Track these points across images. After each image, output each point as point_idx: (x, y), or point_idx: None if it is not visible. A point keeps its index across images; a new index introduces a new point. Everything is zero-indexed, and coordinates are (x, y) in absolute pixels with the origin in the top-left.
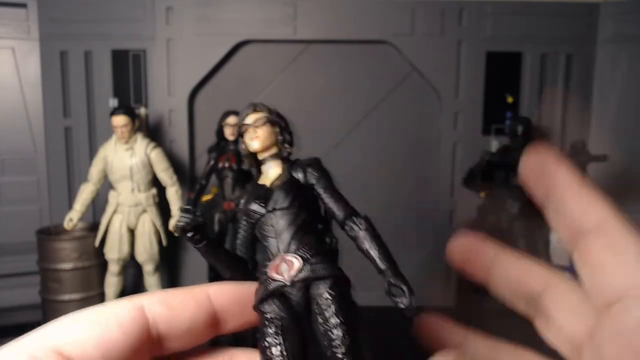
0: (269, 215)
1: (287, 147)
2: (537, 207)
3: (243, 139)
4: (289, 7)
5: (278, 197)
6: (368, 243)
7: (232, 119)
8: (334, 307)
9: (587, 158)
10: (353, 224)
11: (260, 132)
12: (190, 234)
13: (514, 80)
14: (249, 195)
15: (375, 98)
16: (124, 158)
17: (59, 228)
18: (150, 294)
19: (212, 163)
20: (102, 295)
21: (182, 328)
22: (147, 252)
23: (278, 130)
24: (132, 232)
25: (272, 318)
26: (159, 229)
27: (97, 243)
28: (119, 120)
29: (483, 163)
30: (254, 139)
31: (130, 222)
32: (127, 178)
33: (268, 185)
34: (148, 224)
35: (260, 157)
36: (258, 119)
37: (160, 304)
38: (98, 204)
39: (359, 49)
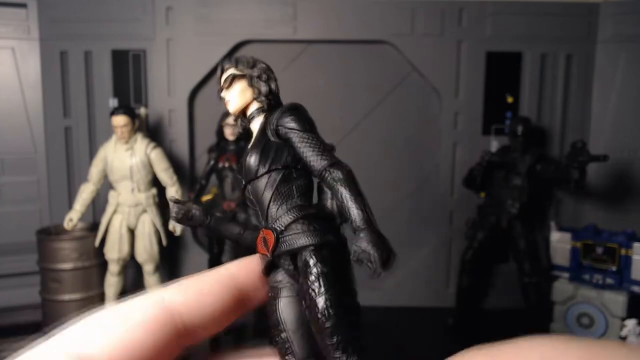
0: (247, 187)
1: (263, 99)
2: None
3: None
4: (289, 7)
5: (248, 166)
6: (339, 193)
7: (232, 119)
8: (312, 276)
9: (587, 158)
10: (328, 174)
11: (230, 94)
12: (187, 222)
13: (514, 80)
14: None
15: (375, 98)
16: (124, 158)
17: (59, 228)
18: (172, 285)
19: (212, 163)
20: (102, 295)
21: (208, 313)
22: (147, 252)
23: (251, 83)
24: (132, 232)
25: (273, 287)
26: (159, 229)
27: (97, 243)
28: (119, 120)
29: (483, 163)
30: (227, 103)
31: (130, 222)
32: (127, 178)
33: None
34: (148, 224)
35: (248, 115)
36: (226, 80)
37: (183, 294)
38: (98, 204)
39: (359, 49)
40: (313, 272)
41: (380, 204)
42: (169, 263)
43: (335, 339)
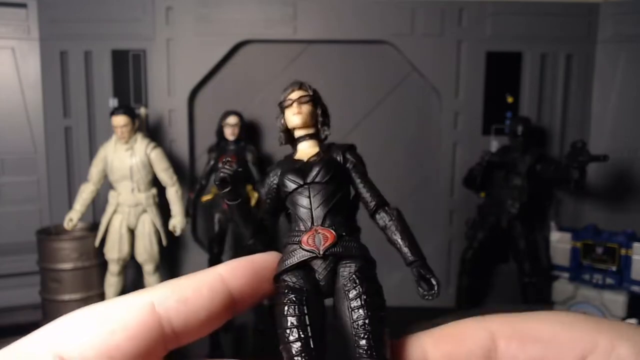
0: (306, 187)
1: (325, 129)
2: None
3: (284, 114)
4: (289, 7)
5: (317, 171)
6: (399, 234)
7: (232, 119)
8: (361, 288)
9: (587, 158)
10: (385, 214)
11: (304, 108)
12: (229, 188)
13: (514, 80)
14: (284, 167)
15: (375, 98)
16: (124, 158)
17: (59, 228)
18: (160, 287)
19: (212, 163)
20: (102, 295)
21: (198, 318)
22: (147, 252)
23: (319, 112)
24: (132, 232)
25: (294, 287)
26: (159, 229)
27: (97, 243)
28: (119, 120)
29: (483, 163)
30: (297, 114)
31: (130, 222)
32: (127, 178)
33: (305, 160)
34: (148, 224)
35: (298, 134)
36: (303, 96)
37: (172, 298)
38: (98, 204)
39: (359, 49)
40: (363, 284)
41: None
42: (169, 263)
43: (367, 345)
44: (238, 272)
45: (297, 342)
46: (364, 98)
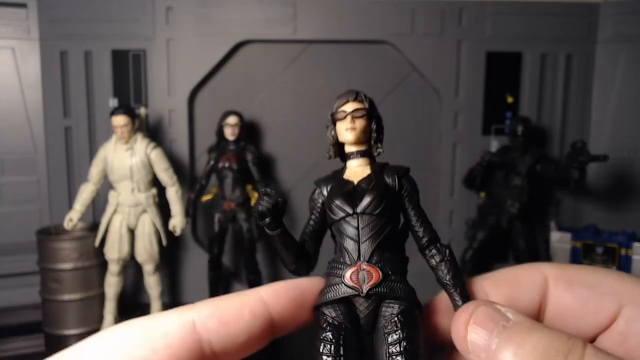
0: (355, 217)
1: (379, 146)
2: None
3: (334, 126)
4: (289, 7)
5: (369, 201)
6: (450, 275)
7: (232, 119)
8: (402, 333)
9: (587, 158)
10: (437, 252)
11: (359, 123)
12: (269, 219)
13: (514, 80)
14: (333, 189)
15: (375, 98)
16: (124, 158)
17: (59, 228)
18: (201, 306)
19: (212, 163)
20: (102, 296)
21: (238, 341)
22: (147, 252)
23: (374, 127)
24: (132, 232)
25: (333, 324)
26: (159, 229)
27: (97, 243)
28: (119, 120)
29: (483, 163)
30: (350, 130)
31: (130, 222)
32: (127, 178)
33: (355, 183)
34: (148, 224)
35: (348, 150)
36: (359, 109)
37: (213, 319)
38: (98, 204)
39: (359, 49)
40: (404, 329)
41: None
42: (169, 263)
43: None
44: (280, 296)
45: None
46: None
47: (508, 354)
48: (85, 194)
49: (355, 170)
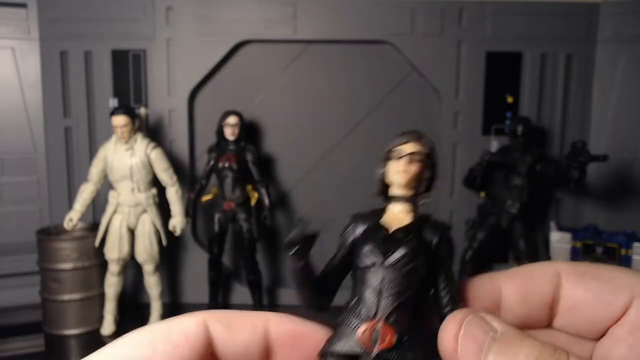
0: (382, 268)
1: (427, 196)
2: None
3: (386, 164)
4: (289, 7)
5: (400, 256)
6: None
7: (232, 119)
8: None
9: (587, 158)
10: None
11: (414, 168)
12: (297, 248)
13: (514, 80)
14: (367, 231)
15: (375, 98)
16: (124, 158)
17: (59, 228)
18: (211, 312)
19: (212, 163)
20: (102, 296)
21: (236, 351)
22: (147, 252)
23: (427, 175)
24: (132, 232)
25: None
26: (159, 229)
27: (97, 243)
28: (119, 120)
29: (483, 163)
30: (402, 173)
31: (130, 222)
32: (127, 178)
33: (390, 232)
34: (148, 224)
35: (393, 192)
36: (417, 153)
37: (220, 323)
38: (98, 204)
39: (359, 49)
40: None
41: (380, 204)
42: (169, 263)
43: None
44: (283, 325)
45: None
46: (364, 98)
47: None
48: (85, 194)
49: (395, 217)
